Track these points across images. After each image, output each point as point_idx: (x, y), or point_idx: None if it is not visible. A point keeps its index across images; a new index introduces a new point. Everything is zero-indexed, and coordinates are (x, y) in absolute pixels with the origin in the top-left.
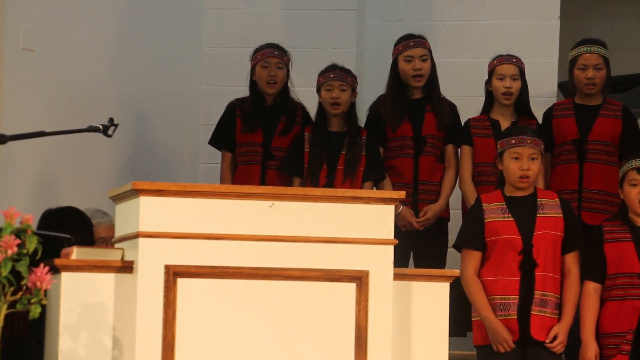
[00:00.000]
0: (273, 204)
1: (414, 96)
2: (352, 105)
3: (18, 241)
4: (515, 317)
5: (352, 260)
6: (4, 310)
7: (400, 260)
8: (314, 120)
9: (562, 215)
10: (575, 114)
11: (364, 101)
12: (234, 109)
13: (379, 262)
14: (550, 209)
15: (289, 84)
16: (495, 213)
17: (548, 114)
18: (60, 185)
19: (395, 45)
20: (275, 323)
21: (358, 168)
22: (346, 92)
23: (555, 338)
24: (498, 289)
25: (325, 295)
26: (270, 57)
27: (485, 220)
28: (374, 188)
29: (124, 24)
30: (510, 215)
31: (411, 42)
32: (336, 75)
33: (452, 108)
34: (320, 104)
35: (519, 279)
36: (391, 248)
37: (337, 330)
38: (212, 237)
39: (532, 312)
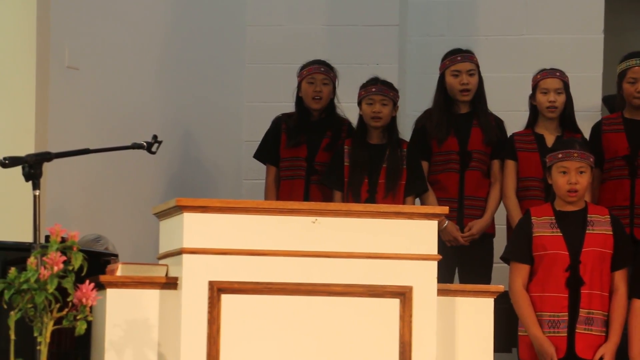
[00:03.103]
0: (316, 219)
1: (461, 111)
2: (393, 119)
3: (64, 258)
4: (565, 334)
5: (395, 276)
6: (51, 327)
7: (445, 276)
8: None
9: (611, 232)
10: (625, 129)
11: (407, 116)
12: (279, 123)
13: (423, 277)
14: (600, 226)
15: (336, 101)
16: (544, 227)
17: (597, 129)
18: (104, 202)
19: (443, 59)
20: (318, 339)
21: (400, 181)
22: (387, 107)
23: (601, 359)
24: (546, 305)
25: (369, 311)
26: (316, 73)
27: (534, 235)
28: (417, 200)
29: (167, 41)
30: (558, 230)
31: (459, 56)
32: (378, 90)
33: (499, 123)
34: (360, 117)
35: (567, 295)
36: (435, 263)
37: (381, 346)
38: (256, 253)
39: (577, 330)
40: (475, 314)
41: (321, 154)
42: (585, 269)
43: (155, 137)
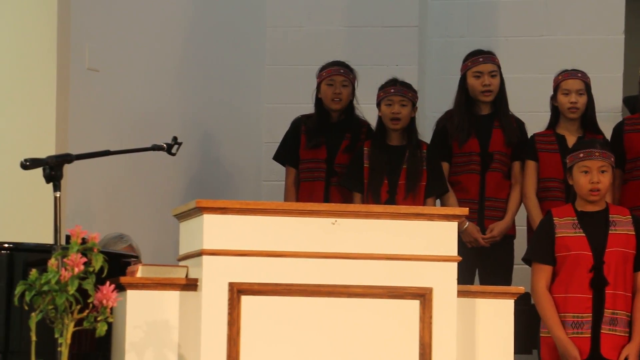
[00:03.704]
0: (336, 221)
1: (482, 112)
2: (412, 120)
3: (84, 259)
4: (589, 335)
5: (415, 277)
6: (72, 328)
7: (465, 277)
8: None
9: (634, 232)
10: None
11: (426, 117)
12: (299, 125)
13: (443, 279)
14: (622, 226)
15: (355, 102)
16: (567, 228)
17: (619, 129)
18: (125, 203)
19: (464, 60)
20: (338, 340)
21: (420, 182)
22: (406, 108)
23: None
24: (570, 306)
25: (389, 313)
26: (336, 75)
27: (556, 235)
28: (438, 202)
29: (187, 43)
30: (581, 230)
31: (480, 57)
32: (397, 91)
33: (520, 125)
34: (379, 118)
35: (591, 296)
36: (455, 265)
37: (401, 347)
38: (276, 255)
39: (602, 331)
40: (496, 316)
41: (341, 156)
42: (609, 269)
43: (175, 138)
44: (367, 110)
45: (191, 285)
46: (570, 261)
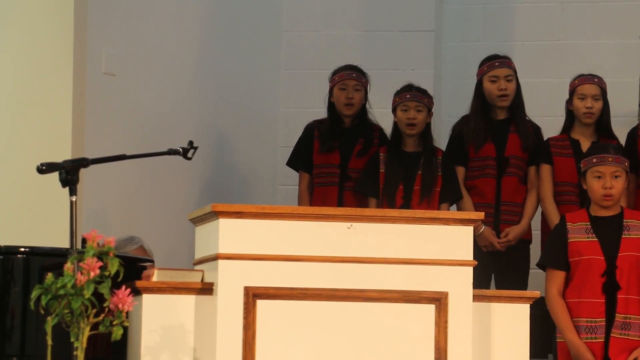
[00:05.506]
0: (351, 225)
1: (498, 117)
2: (428, 126)
3: (100, 263)
4: (603, 340)
5: (431, 282)
6: (87, 332)
7: (481, 281)
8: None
9: None
10: None
11: (442, 122)
12: (311, 130)
13: (458, 283)
14: (636, 230)
15: (367, 106)
16: (579, 233)
17: (633, 134)
18: (140, 207)
19: (480, 65)
20: (354, 344)
21: (434, 188)
22: (422, 113)
23: None
24: (583, 311)
25: (404, 317)
26: (348, 79)
27: (569, 240)
28: (451, 207)
29: (203, 47)
30: (594, 235)
31: (496, 62)
32: (412, 96)
33: (536, 130)
34: (395, 124)
35: (604, 301)
36: (470, 269)
37: (417, 352)
38: (291, 259)
39: (612, 335)
40: (511, 320)
41: (354, 161)
42: (621, 274)
43: (191, 142)
44: (384, 114)
45: (207, 289)
46: (582, 266)
